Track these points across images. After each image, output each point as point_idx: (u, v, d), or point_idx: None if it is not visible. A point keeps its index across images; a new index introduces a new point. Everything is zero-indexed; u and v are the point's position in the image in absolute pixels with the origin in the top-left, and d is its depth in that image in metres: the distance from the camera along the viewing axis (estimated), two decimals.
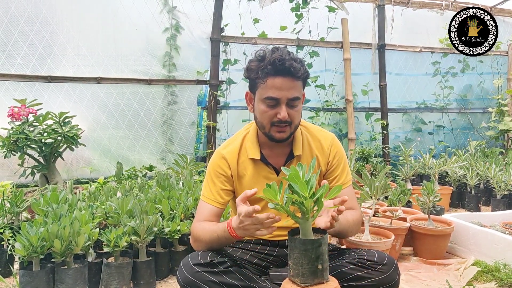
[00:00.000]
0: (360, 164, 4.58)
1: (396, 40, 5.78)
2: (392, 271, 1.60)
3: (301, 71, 1.60)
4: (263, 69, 1.60)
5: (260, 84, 1.63)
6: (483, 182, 4.41)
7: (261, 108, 1.65)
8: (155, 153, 4.80)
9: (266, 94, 1.61)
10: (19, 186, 3.51)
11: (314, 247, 1.34)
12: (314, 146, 1.81)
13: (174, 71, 4.78)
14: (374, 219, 3.05)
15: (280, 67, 1.57)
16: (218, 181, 1.77)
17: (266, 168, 1.78)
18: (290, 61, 1.58)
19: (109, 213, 2.62)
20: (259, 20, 5.00)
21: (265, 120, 1.66)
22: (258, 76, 1.62)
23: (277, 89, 1.59)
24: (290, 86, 1.60)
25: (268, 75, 1.60)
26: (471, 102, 6.41)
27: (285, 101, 1.61)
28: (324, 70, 5.46)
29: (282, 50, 1.62)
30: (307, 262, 1.34)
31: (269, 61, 1.58)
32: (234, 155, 1.79)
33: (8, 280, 2.38)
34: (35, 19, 4.17)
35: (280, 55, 1.58)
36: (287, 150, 1.79)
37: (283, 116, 1.61)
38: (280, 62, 1.57)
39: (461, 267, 2.67)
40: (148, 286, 2.36)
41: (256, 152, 1.77)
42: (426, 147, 6.02)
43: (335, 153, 1.82)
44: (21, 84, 4.16)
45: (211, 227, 1.62)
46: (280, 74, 1.58)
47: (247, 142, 1.80)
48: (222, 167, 1.78)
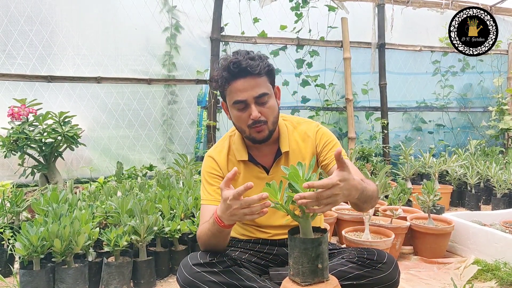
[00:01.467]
0: (360, 163, 4.58)
1: (396, 39, 5.77)
2: (392, 270, 1.60)
3: (259, 67, 1.59)
4: (222, 77, 1.61)
5: (226, 91, 1.64)
6: (483, 181, 4.41)
7: (234, 114, 1.66)
8: (155, 153, 4.80)
9: (233, 99, 1.62)
10: (19, 186, 3.51)
11: (314, 246, 1.34)
12: (301, 138, 1.81)
13: (174, 70, 4.78)
14: (374, 218, 3.05)
15: (236, 70, 1.57)
16: (213, 181, 1.77)
17: (256, 168, 1.78)
18: (246, 61, 1.58)
19: (109, 213, 2.62)
20: (259, 20, 5.00)
21: (242, 125, 1.67)
22: (220, 84, 1.63)
23: (241, 91, 1.60)
24: (253, 85, 1.60)
25: (228, 81, 1.60)
26: (471, 101, 6.41)
27: (253, 100, 1.61)
28: (324, 70, 5.46)
29: (240, 52, 1.62)
30: (307, 261, 1.34)
31: (225, 67, 1.59)
32: (223, 157, 1.79)
33: (9, 279, 2.38)
34: (34, 19, 4.17)
35: (235, 58, 1.58)
36: (275, 148, 1.79)
37: (254, 115, 1.60)
38: (235, 65, 1.57)
39: (461, 266, 2.67)
40: (148, 285, 2.36)
41: (243, 154, 1.77)
42: (426, 146, 6.03)
43: (321, 135, 1.80)
44: (21, 84, 4.16)
45: (205, 224, 1.61)
46: (239, 76, 1.59)
47: (234, 144, 1.81)
48: (215, 168, 1.78)
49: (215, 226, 1.50)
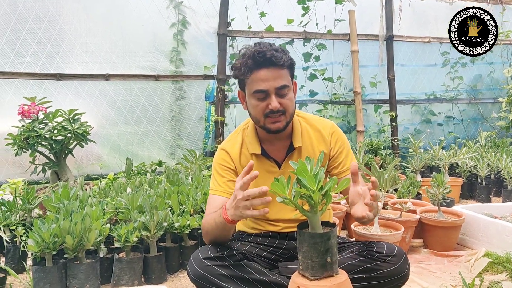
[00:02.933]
0: (369, 157, 4.57)
1: (404, 31, 5.72)
2: (402, 263, 1.60)
3: (283, 59, 1.61)
4: (245, 65, 1.62)
5: (247, 80, 1.65)
6: (494, 173, 4.38)
7: (252, 103, 1.67)
8: (164, 149, 4.82)
9: (254, 88, 1.63)
10: (30, 183, 3.55)
11: (323, 240, 1.34)
12: (314, 136, 1.82)
13: (182, 66, 4.79)
14: (384, 212, 3.04)
15: (261, 59, 1.59)
16: (224, 173, 1.78)
17: (268, 162, 1.79)
18: (271, 51, 1.60)
19: (119, 209, 2.64)
20: (265, 14, 4.98)
21: (258, 114, 1.67)
22: (242, 72, 1.64)
23: (263, 81, 1.61)
24: (276, 76, 1.61)
25: (251, 70, 1.62)
26: (481, 92, 6.34)
27: (273, 91, 1.62)
28: (331, 63, 5.43)
29: (263, 44, 1.64)
30: (316, 255, 1.35)
31: (249, 55, 1.61)
32: (237, 150, 1.80)
33: (22, 276, 2.41)
34: (43, 17, 4.19)
35: (260, 48, 1.60)
36: (287, 143, 1.80)
37: (274, 106, 1.62)
38: (260, 54, 1.59)
39: (471, 258, 2.65)
40: (159, 280, 2.38)
41: (256, 147, 1.78)
42: (435, 139, 5.98)
43: (336, 139, 1.82)
44: (31, 82, 4.19)
45: (212, 215, 1.63)
46: (263, 65, 1.60)
47: (247, 137, 1.82)
48: (227, 160, 1.80)
49: (221, 218, 1.52)
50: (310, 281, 1.36)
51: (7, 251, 2.51)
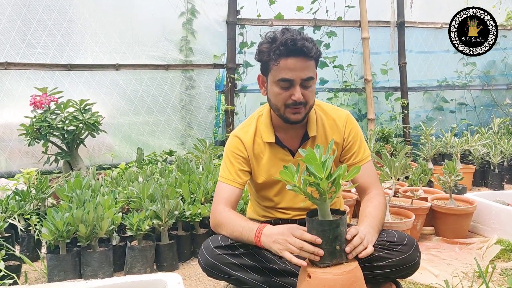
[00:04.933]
0: (380, 145, 4.54)
1: (416, 17, 5.64)
2: (413, 251, 1.59)
3: (313, 51, 1.57)
4: (275, 51, 1.57)
5: (273, 66, 1.60)
6: (507, 160, 4.32)
7: (275, 90, 1.63)
8: (175, 138, 4.85)
9: (280, 75, 1.59)
10: (43, 173, 3.60)
11: (331, 228, 1.35)
12: (328, 125, 1.80)
13: (191, 55, 4.78)
14: (395, 200, 3.03)
15: (293, 48, 1.54)
16: (236, 162, 1.78)
17: (282, 151, 1.78)
18: (302, 41, 1.55)
19: (131, 198, 2.66)
20: (275, 1, 4.94)
21: (279, 102, 1.64)
22: (270, 58, 1.59)
23: (291, 70, 1.57)
24: (304, 67, 1.57)
25: (280, 56, 1.57)
26: (495, 79, 6.24)
27: (299, 82, 1.59)
28: (342, 50, 5.39)
29: (292, 31, 1.59)
30: (325, 243, 1.35)
31: (281, 42, 1.55)
32: (250, 138, 1.79)
33: (36, 264, 2.45)
34: (52, 8, 4.21)
35: (291, 35, 1.55)
36: (302, 131, 1.78)
37: (297, 97, 1.59)
38: (292, 42, 1.54)
39: (483, 246, 2.64)
40: (171, 268, 2.41)
41: (270, 135, 1.77)
42: (448, 126, 5.91)
43: (350, 130, 1.80)
44: (42, 73, 4.23)
45: (239, 222, 1.61)
46: (293, 54, 1.56)
47: (261, 125, 1.80)
48: (239, 148, 1.79)
49: (251, 236, 1.53)
50: (320, 269, 1.37)
51: (22, 240, 2.56)
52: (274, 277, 1.62)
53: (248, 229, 1.55)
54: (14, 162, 4.16)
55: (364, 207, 1.71)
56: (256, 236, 1.50)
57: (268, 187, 1.83)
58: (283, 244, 1.41)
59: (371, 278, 1.59)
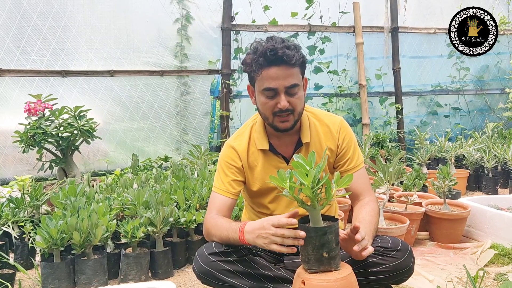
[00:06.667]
0: (375, 150, 4.55)
1: (410, 22, 5.67)
2: (407, 257, 1.60)
3: (295, 58, 1.58)
4: (256, 62, 1.59)
5: (257, 77, 1.63)
6: (501, 164, 4.35)
7: (261, 100, 1.65)
8: (170, 144, 4.84)
9: (264, 85, 1.61)
10: (38, 180, 3.59)
11: (317, 235, 1.35)
12: (322, 131, 1.81)
13: (186, 61, 4.79)
14: (389, 205, 3.04)
15: (273, 57, 1.56)
16: (229, 172, 1.78)
17: (276, 158, 1.79)
18: (283, 49, 1.56)
19: (125, 205, 2.66)
20: (269, 7, 4.96)
21: (267, 111, 1.66)
22: (252, 69, 1.62)
23: (273, 79, 1.59)
24: (286, 74, 1.59)
25: (262, 67, 1.59)
26: (488, 83, 6.28)
27: (283, 90, 1.60)
28: (336, 56, 5.41)
29: (275, 39, 1.61)
30: (312, 249, 1.36)
31: (261, 52, 1.57)
32: (244, 147, 1.80)
33: (30, 272, 2.44)
34: (47, 14, 4.21)
35: (272, 45, 1.57)
36: (295, 138, 1.79)
37: (283, 105, 1.60)
38: (272, 52, 1.55)
39: (478, 250, 2.65)
40: (166, 275, 2.41)
41: (264, 142, 1.78)
42: (442, 130, 5.94)
43: (344, 136, 1.81)
44: (36, 79, 4.22)
45: (224, 225, 1.62)
46: (274, 64, 1.57)
47: (255, 133, 1.81)
48: (233, 158, 1.79)
49: (235, 236, 1.54)
50: (314, 275, 1.38)
51: (16, 248, 2.55)
52: (268, 284, 1.62)
53: (232, 231, 1.56)
54: (8, 169, 4.14)
55: (357, 213, 1.72)
56: (240, 235, 1.52)
57: (263, 195, 1.83)
58: (267, 238, 1.43)
59: (365, 284, 1.59)
